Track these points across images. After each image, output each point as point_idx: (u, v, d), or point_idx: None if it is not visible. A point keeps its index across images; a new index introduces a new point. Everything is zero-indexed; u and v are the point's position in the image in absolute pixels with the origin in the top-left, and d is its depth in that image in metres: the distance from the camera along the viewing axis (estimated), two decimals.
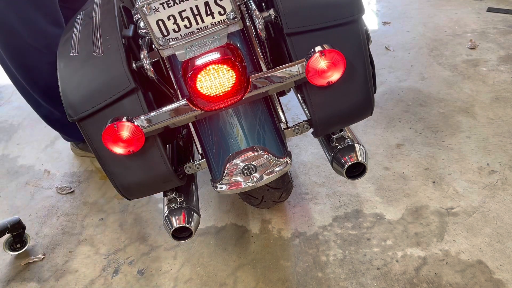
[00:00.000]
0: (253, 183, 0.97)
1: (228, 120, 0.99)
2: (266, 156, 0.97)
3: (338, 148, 1.05)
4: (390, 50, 2.30)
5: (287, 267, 1.34)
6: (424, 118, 1.79)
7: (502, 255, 1.26)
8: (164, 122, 0.93)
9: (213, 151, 1.00)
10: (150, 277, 1.39)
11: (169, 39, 0.88)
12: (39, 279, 1.46)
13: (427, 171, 1.56)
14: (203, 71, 0.86)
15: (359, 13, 0.94)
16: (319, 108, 0.97)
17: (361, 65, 0.96)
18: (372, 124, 1.81)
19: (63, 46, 1.03)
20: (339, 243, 1.38)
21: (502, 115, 1.74)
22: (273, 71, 0.93)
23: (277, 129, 1.03)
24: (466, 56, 2.13)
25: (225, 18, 0.87)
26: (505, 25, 2.32)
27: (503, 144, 1.61)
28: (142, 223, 1.60)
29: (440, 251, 1.30)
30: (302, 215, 1.49)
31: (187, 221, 1.04)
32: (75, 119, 0.95)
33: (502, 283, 1.19)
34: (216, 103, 0.90)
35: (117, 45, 0.96)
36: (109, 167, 0.99)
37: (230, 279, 1.34)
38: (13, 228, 1.50)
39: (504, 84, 1.91)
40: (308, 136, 1.78)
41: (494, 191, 1.45)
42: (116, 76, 0.93)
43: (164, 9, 0.84)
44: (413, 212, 1.43)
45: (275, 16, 0.97)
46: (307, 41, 0.93)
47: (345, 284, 1.26)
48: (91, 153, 1.74)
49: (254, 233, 1.47)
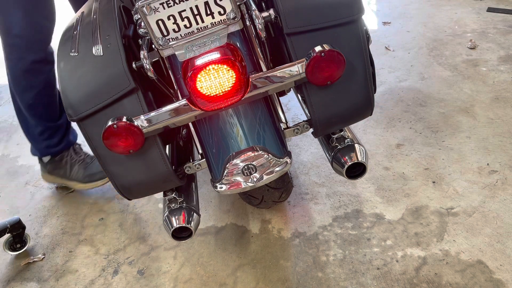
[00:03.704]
0: (253, 183, 0.97)
1: (228, 120, 0.99)
2: (266, 156, 0.97)
3: (338, 148, 1.05)
4: (390, 50, 2.30)
5: (287, 267, 1.34)
6: (424, 118, 1.79)
7: (502, 255, 1.26)
8: (164, 122, 0.93)
9: (213, 151, 1.00)
10: (150, 277, 1.39)
11: (169, 39, 0.88)
12: (39, 279, 1.46)
13: (427, 171, 1.56)
14: (203, 71, 0.86)
15: (359, 13, 0.94)
16: (319, 108, 0.97)
17: (361, 65, 0.96)
18: (372, 124, 1.81)
19: (63, 46, 1.03)
20: (339, 243, 1.38)
21: (502, 115, 1.74)
22: (273, 71, 0.93)
23: (277, 129, 1.03)
24: (466, 56, 2.13)
25: (225, 18, 0.87)
26: (505, 25, 2.32)
27: (503, 144, 1.61)
28: (142, 223, 1.60)
29: (440, 251, 1.30)
30: (302, 215, 1.49)
31: (187, 221, 1.04)
32: (75, 119, 0.95)
33: (502, 283, 1.19)
34: (216, 103, 0.90)
35: (117, 45, 0.96)
36: (109, 167, 0.99)
37: (230, 279, 1.34)
38: (13, 228, 1.50)
39: (504, 84, 1.91)
40: (308, 136, 1.78)
41: (494, 191, 1.45)
42: (116, 76, 0.93)
43: (164, 9, 0.84)
44: (413, 212, 1.43)
45: (275, 16, 0.97)
46: (307, 41, 0.93)
47: (345, 284, 1.26)
48: (62, 178, 1.72)
49: (254, 233, 1.47)
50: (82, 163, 1.71)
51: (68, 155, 1.72)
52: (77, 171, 1.70)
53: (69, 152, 1.73)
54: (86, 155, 1.75)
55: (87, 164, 1.71)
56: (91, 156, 1.75)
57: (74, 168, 1.70)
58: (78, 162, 1.71)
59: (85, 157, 1.74)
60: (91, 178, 1.69)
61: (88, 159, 1.73)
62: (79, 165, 1.71)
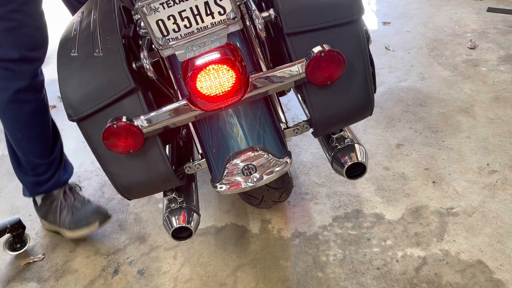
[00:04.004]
0: (253, 183, 0.97)
1: (228, 120, 0.99)
2: (266, 156, 0.97)
3: (338, 148, 1.05)
4: (390, 50, 2.30)
5: (287, 267, 1.34)
6: (424, 118, 1.79)
7: (502, 255, 1.26)
8: (164, 122, 0.93)
9: (213, 151, 1.01)
10: (150, 277, 1.39)
11: (169, 39, 0.88)
12: (39, 279, 1.46)
13: (427, 171, 1.56)
14: (203, 71, 0.86)
15: (359, 13, 0.94)
16: (319, 108, 0.97)
17: (361, 65, 0.96)
18: (372, 124, 1.81)
19: (63, 46, 1.03)
20: (339, 243, 1.38)
21: (502, 115, 1.74)
22: (273, 71, 0.93)
23: (277, 129, 1.03)
24: (466, 56, 2.13)
25: (225, 18, 0.87)
26: (505, 25, 2.32)
27: (503, 144, 1.61)
28: (142, 223, 1.60)
29: (440, 251, 1.30)
30: (302, 215, 1.49)
31: (187, 221, 1.04)
32: (75, 119, 0.95)
33: (502, 283, 1.19)
34: (216, 103, 0.90)
35: (117, 45, 0.96)
36: (109, 167, 0.99)
37: (230, 279, 1.34)
38: (13, 228, 1.50)
39: (504, 84, 1.91)
40: (308, 136, 1.78)
41: (494, 191, 1.45)
42: (116, 76, 0.93)
43: (164, 9, 0.84)
44: (413, 212, 1.43)
45: (275, 16, 0.97)
46: (307, 41, 0.93)
47: (345, 284, 1.26)
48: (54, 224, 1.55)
49: (254, 233, 1.47)
50: (70, 208, 1.54)
51: (58, 199, 1.56)
52: (65, 217, 1.52)
53: (60, 195, 1.56)
54: (76, 199, 1.57)
55: (76, 210, 1.53)
56: (82, 200, 1.57)
57: (63, 214, 1.53)
58: (67, 207, 1.54)
59: (75, 202, 1.55)
60: (77, 225, 1.50)
61: (78, 204, 1.55)
62: (67, 211, 1.53)
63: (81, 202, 1.56)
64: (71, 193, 1.59)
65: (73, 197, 1.57)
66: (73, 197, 1.57)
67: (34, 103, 1.43)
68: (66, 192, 1.58)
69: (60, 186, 1.57)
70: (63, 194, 1.57)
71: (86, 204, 1.55)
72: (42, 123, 1.48)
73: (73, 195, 1.58)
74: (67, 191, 1.58)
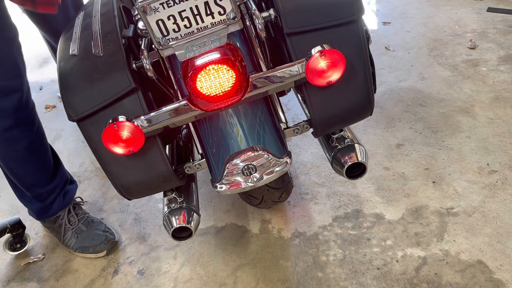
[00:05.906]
0: (253, 183, 0.97)
1: (228, 120, 0.99)
2: (266, 156, 0.97)
3: (338, 148, 1.05)
4: (390, 50, 2.30)
5: (287, 267, 1.34)
6: (424, 118, 1.79)
7: (502, 255, 1.26)
8: (164, 122, 0.93)
9: (213, 151, 1.01)
10: (150, 277, 1.39)
11: (169, 39, 0.88)
12: (39, 279, 1.46)
13: (427, 171, 1.56)
14: (203, 71, 0.86)
15: (359, 13, 0.94)
16: (319, 108, 0.97)
17: (361, 65, 0.96)
18: (372, 124, 1.81)
19: (63, 46, 1.03)
20: (339, 243, 1.38)
21: (502, 115, 1.74)
22: (273, 71, 0.93)
23: (277, 129, 1.03)
24: (466, 56, 2.13)
25: (225, 18, 0.87)
26: (505, 25, 2.32)
27: (503, 144, 1.61)
28: (142, 223, 1.60)
29: (440, 251, 1.30)
30: (302, 215, 1.49)
31: (187, 221, 1.04)
32: (75, 119, 0.95)
33: (502, 283, 1.19)
34: (216, 103, 0.90)
35: (117, 45, 0.96)
36: (109, 167, 0.99)
37: (230, 279, 1.34)
38: (13, 228, 1.50)
39: (504, 84, 1.91)
40: (308, 136, 1.78)
41: (494, 191, 1.45)
42: (116, 76, 0.94)
43: (164, 9, 0.84)
44: (413, 212, 1.43)
45: (275, 16, 0.97)
46: (307, 41, 0.93)
47: (345, 284, 1.26)
48: (58, 240, 1.54)
49: (254, 233, 1.47)
50: (75, 230, 1.51)
51: (62, 218, 1.52)
52: (69, 238, 1.50)
53: (64, 214, 1.53)
54: (81, 221, 1.53)
55: (82, 232, 1.50)
56: (86, 221, 1.54)
57: (67, 234, 1.51)
58: (72, 229, 1.51)
59: (79, 224, 1.52)
60: (83, 251, 1.49)
61: (83, 226, 1.52)
62: (72, 233, 1.51)
63: (85, 224, 1.53)
64: (74, 212, 1.55)
65: (77, 217, 1.54)
66: (77, 218, 1.53)
67: (26, 139, 1.32)
68: (71, 211, 1.54)
69: (64, 207, 1.54)
70: (67, 213, 1.53)
71: (90, 226, 1.53)
72: (39, 155, 1.40)
73: (77, 215, 1.54)
74: (71, 210, 1.54)
